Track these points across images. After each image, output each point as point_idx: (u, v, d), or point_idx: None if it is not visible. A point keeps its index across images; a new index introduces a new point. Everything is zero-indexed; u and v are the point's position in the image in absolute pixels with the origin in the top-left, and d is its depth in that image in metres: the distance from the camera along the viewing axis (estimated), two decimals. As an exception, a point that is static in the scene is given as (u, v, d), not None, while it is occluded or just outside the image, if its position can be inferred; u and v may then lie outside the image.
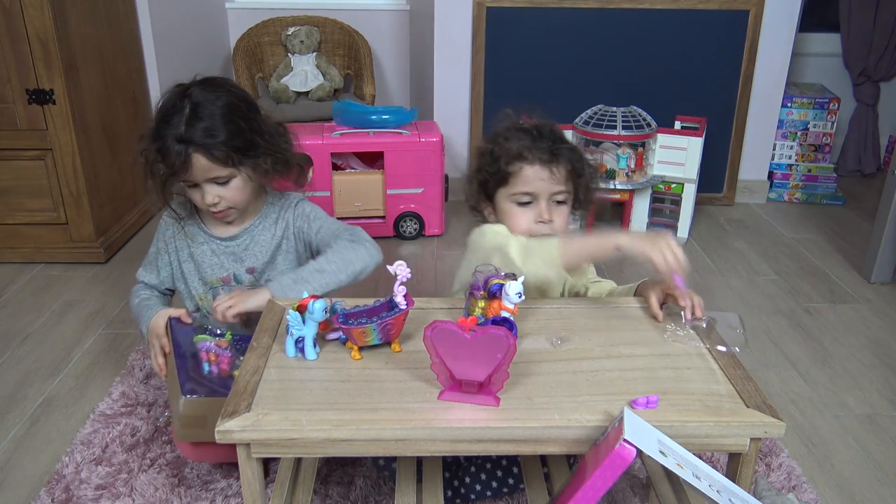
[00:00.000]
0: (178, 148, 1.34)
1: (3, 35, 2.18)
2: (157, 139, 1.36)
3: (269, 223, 1.53)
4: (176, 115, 1.36)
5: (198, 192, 1.42)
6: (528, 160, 1.34)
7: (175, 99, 1.38)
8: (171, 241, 1.55)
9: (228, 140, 1.37)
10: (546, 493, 1.25)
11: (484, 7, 2.88)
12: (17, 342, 2.01)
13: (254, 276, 1.53)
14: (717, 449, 0.99)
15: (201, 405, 1.26)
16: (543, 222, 1.35)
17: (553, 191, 1.35)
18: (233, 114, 1.39)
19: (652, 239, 1.17)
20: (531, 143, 1.35)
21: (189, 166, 1.36)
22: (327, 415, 0.95)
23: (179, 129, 1.34)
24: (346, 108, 2.76)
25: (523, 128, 1.39)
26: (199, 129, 1.35)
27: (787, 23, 2.96)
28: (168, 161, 1.36)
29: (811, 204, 3.26)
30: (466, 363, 0.95)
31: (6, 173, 2.35)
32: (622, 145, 2.67)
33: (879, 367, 1.97)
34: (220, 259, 1.52)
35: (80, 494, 1.44)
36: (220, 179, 1.40)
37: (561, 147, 1.36)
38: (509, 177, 1.35)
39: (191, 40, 3.24)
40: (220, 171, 1.39)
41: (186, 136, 1.34)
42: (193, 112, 1.36)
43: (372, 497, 1.45)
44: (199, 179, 1.39)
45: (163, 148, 1.35)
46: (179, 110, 1.36)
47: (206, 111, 1.36)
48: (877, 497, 1.50)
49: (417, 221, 2.75)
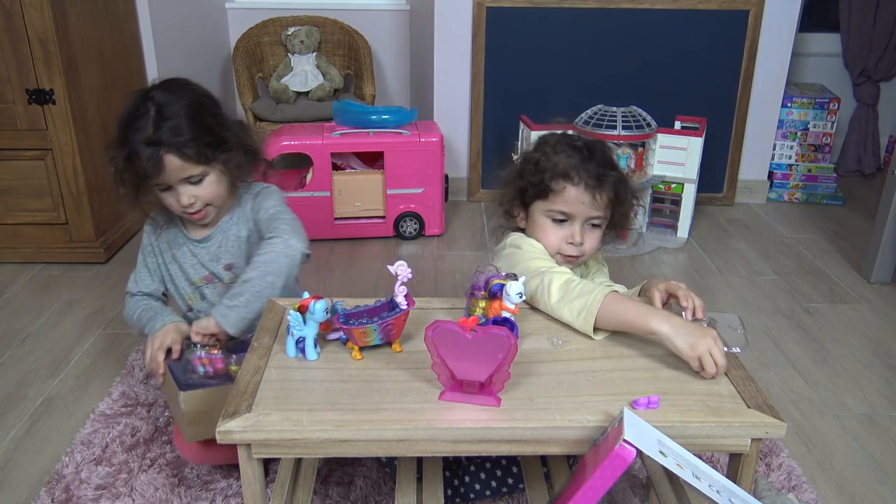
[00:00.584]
0: (149, 151, 1.33)
1: (3, 35, 2.18)
2: (125, 145, 1.35)
3: (236, 218, 1.52)
4: (141, 119, 1.34)
5: (172, 195, 1.41)
6: (574, 181, 1.31)
7: (138, 103, 1.36)
8: (156, 246, 1.55)
9: (198, 137, 1.36)
10: (546, 492, 1.25)
11: (484, 7, 2.88)
12: (17, 342, 2.01)
13: (233, 272, 1.52)
14: (718, 449, 0.99)
15: (203, 398, 1.27)
16: (574, 244, 1.33)
17: (591, 215, 1.33)
18: (199, 111, 1.38)
19: (694, 340, 1.05)
20: (580, 163, 1.31)
21: (162, 168, 1.35)
22: (328, 415, 0.95)
23: (147, 132, 1.33)
24: (346, 108, 2.76)
25: (574, 144, 1.35)
26: (168, 128, 1.33)
27: (787, 23, 2.96)
28: (139, 166, 1.34)
29: (811, 204, 3.26)
30: (467, 363, 0.95)
31: (6, 173, 2.35)
32: (622, 145, 2.67)
33: (879, 367, 1.97)
34: (199, 259, 1.52)
35: (80, 494, 1.44)
36: (194, 178, 1.39)
37: (609, 173, 1.33)
38: (550, 193, 1.32)
39: (191, 40, 3.24)
40: (194, 170, 1.38)
41: (155, 138, 1.33)
42: (159, 113, 1.34)
43: (372, 497, 1.45)
44: (172, 181, 1.38)
45: (132, 153, 1.34)
46: (144, 114, 1.34)
47: (171, 110, 1.35)
48: (877, 497, 1.50)
49: (417, 221, 2.75)
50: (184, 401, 1.26)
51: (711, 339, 1.05)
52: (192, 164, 1.37)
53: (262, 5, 3.66)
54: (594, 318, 1.14)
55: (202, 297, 1.55)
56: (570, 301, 1.17)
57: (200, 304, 1.55)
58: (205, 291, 1.54)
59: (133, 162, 1.34)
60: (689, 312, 1.18)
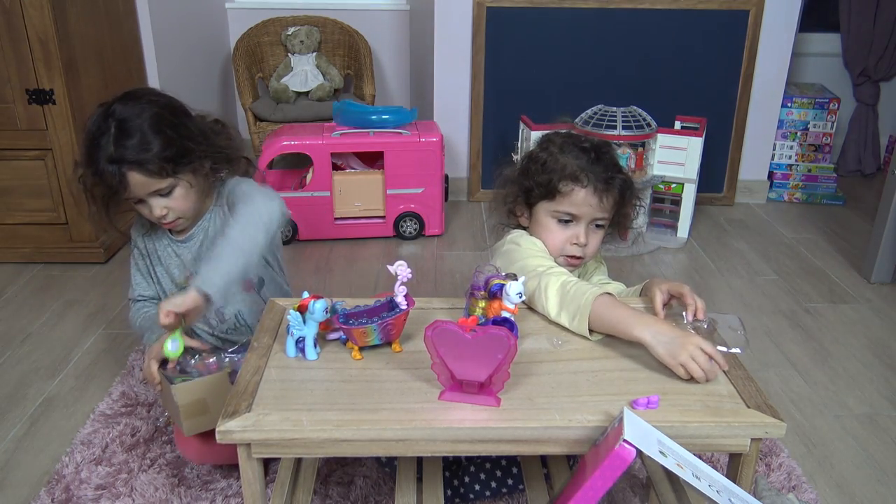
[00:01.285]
0: (112, 168, 1.33)
1: (3, 35, 2.18)
2: (91, 164, 1.35)
3: (215, 215, 1.51)
4: (103, 137, 1.34)
5: (145, 206, 1.41)
6: (583, 183, 1.30)
7: (99, 121, 1.36)
8: (143, 249, 1.55)
9: (161, 152, 1.35)
10: (546, 493, 1.25)
11: (484, 7, 2.88)
12: (17, 342, 2.01)
13: None
14: (718, 449, 0.99)
15: (195, 389, 1.28)
16: (578, 245, 1.34)
17: (597, 216, 1.33)
18: (160, 124, 1.37)
19: (675, 348, 1.04)
20: (588, 165, 1.31)
21: (126, 184, 1.35)
22: (328, 415, 0.95)
23: (109, 150, 1.33)
24: (346, 108, 2.76)
25: (582, 146, 1.35)
26: (129, 146, 1.33)
27: (787, 23, 2.96)
28: (105, 182, 1.35)
29: (811, 204, 3.26)
30: (467, 363, 0.95)
31: (6, 173, 2.35)
32: (622, 145, 2.67)
33: (879, 367, 1.97)
34: (182, 259, 1.52)
35: (80, 494, 1.44)
36: (162, 191, 1.39)
37: (616, 176, 1.33)
38: (558, 194, 1.32)
39: (191, 40, 3.24)
40: (160, 184, 1.37)
41: (117, 156, 1.33)
42: (119, 130, 1.34)
43: (372, 497, 1.45)
44: (141, 195, 1.38)
45: (97, 171, 1.34)
46: (105, 131, 1.34)
47: (132, 126, 1.34)
48: (877, 497, 1.50)
49: (417, 221, 2.75)
50: (176, 394, 1.26)
51: (693, 345, 1.03)
52: (156, 178, 1.36)
53: (262, 5, 3.66)
54: (587, 323, 1.14)
55: None
56: (566, 306, 1.17)
57: None
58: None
59: (100, 178, 1.35)
60: (689, 313, 1.17)
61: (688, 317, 1.17)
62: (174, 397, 1.27)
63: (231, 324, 1.54)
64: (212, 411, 1.30)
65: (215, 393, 1.29)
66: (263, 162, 2.65)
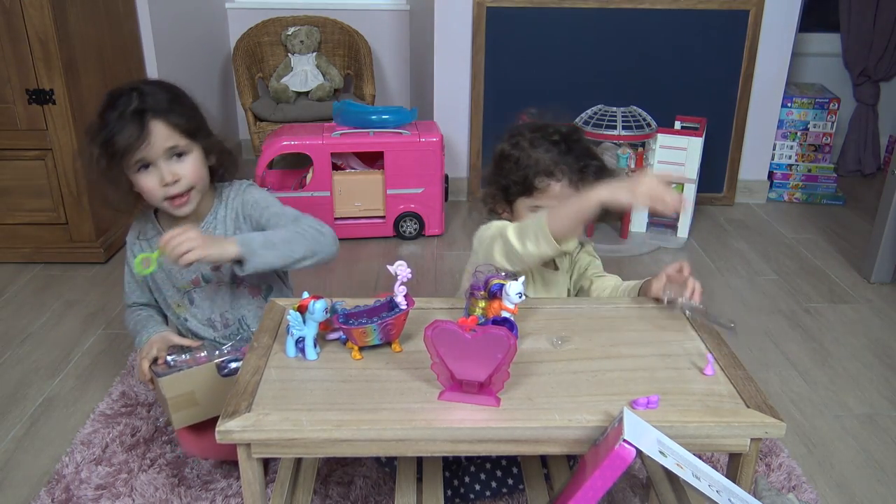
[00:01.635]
0: (135, 118, 1.30)
1: (3, 35, 2.18)
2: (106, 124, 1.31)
3: (221, 216, 1.48)
4: (123, 98, 1.32)
5: (153, 174, 1.34)
6: (557, 178, 1.32)
7: (120, 90, 1.35)
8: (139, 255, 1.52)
9: (182, 112, 1.36)
10: (546, 492, 1.25)
11: (484, 7, 2.88)
12: (17, 342, 2.01)
13: (221, 271, 1.48)
14: (718, 449, 0.99)
15: (182, 381, 1.28)
16: None
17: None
18: (181, 97, 1.39)
19: (632, 184, 1.13)
20: (560, 158, 1.32)
21: (148, 135, 1.30)
22: (328, 415, 0.95)
23: (133, 104, 1.31)
24: (346, 108, 2.76)
25: (551, 138, 1.35)
26: (153, 100, 1.32)
27: (787, 23, 2.96)
28: (123, 137, 1.29)
29: (811, 204, 3.26)
30: (467, 363, 0.95)
31: (6, 173, 2.35)
32: (622, 145, 2.67)
33: (879, 367, 1.97)
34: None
35: (80, 494, 1.44)
36: (178, 149, 1.35)
37: (590, 163, 1.34)
38: (535, 190, 1.33)
39: (191, 40, 3.24)
40: (179, 140, 1.34)
41: (141, 107, 1.30)
42: (141, 92, 1.33)
43: (372, 497, 1.45)
44: (156, 153, 1.33)
45: (117, 124, 1.30)
46: (127, 93, 1.33)
47: (154, 91, 1.35)
48: (877, 497, 1.50)
49: (417, 221, 2.75)
50: (163, 387, 1.26)
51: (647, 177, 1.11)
52: (178, 133, 1.34)
53: (262, 5, 3.66)
54: (549, 233, 1.16)
55: (191, 303, 1.51)
56: (526, 233, 1.19)
57: (191, 309, 1.52)
58: (193, 296, 1.51)
59: (116, 135, 1.30)
60: (688, 291, 1.18)
61: (686, 296, 1.17)
62: (162, 390, 1.27)
63: (234, 328, 1.53)
64: (201, 404, 1.30)
65: (203, 385, 1.29)
66: (263, 162, 2.65)
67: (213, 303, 1.51)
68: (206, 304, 1.51)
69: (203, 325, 1.52)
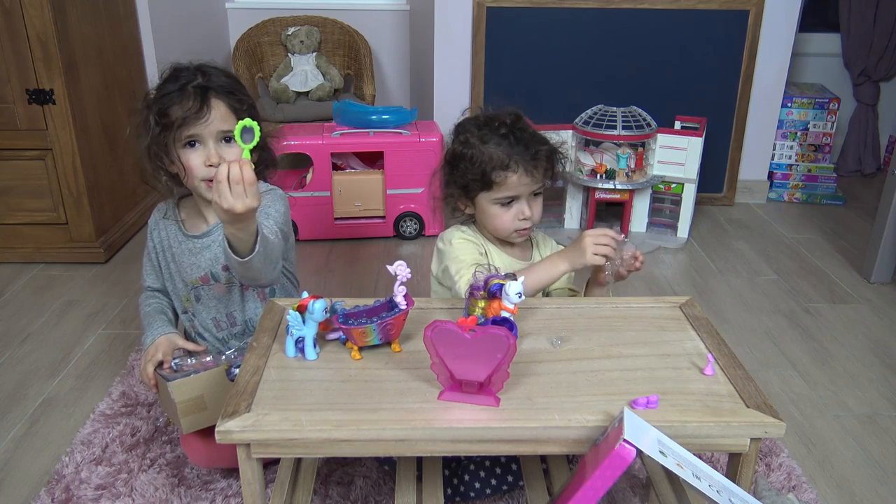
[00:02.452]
0: (197, 93, 1.31)
1: (3, 35, 2.18)
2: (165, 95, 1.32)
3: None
4: (185, 72, 1.35)
5: (200, 152, 1.34)
6: (513, 168, 1.37)
7: (184, 66, 1.37)
8: (158, 243, 1.53)
9: (242, 97, 1.37)
10: (546, 492, 1.25)
11: (484, 7, 2.88)
12: (17, 342, 2.01)
13: (230, 273, 1.46)
14: (718, 449, 0.99)
15: (191, 385, 1.28)
16: (525, 219, 1.41)
17: (534, 189, 1.41)
18: (241, 87, 1.41)
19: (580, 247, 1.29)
20: (510, 149, 1.37)
21: (208, 110, 1.31)
22: (327, 415, 0.95)
23: (197, 79, 1.33)
24: (346, 108, 2.76)
25: (498, 132, 1.40)
26: (216, 78, 1.35)
27: (787, 23, 2.96)
28: (182, 108, 1.30)
29: (811, 204, 3.26)
30: (466, 363, 0.95)
31: (6, 173, 2.35)
32: (622, 145, 2.67)
33: (879, 367, 1.97)
34: (196, 259, 1.47)
35: (80, 494, 1.44)
36: (230, 134, 1.34)
37: (540, 149, 1.39)
38: (493, 184, 1.38)
39: (191, 40, 3.24)
40: (234, 124, 1.29)
41: (205, 83, 1.33)
42: (203, 70, 1.36)
43: (372, 497, 1.45)
44: (210, 132, 1.33)
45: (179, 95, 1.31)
46: (187, 69, 1.35)
47: (219, 72, 1.38)
48: (877, 497, 1.50)
49: (417, 221, 2.75)
50: (173, 391, 1.26)
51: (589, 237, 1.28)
52: (234, 118, 1.35)
53: (262, 5, 3.66)
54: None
55: (197, 299, 1.51)
56: None
57: (196, 306, 1.52)
58: (200, 293, 1.50)
59: (175, 105, 1.31)
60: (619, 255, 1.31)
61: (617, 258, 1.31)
62: (171, 395, 1.27)
63: (241, 329, 1.53)
64: (210, 408, 1.30)
65: (212, 389, 1.29)
66: (263, 162, 2.65)
67: (219, 302, 1.51)
68: (212, 302, 1.50)
69: (208, 324, 1.52)
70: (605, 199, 2.75)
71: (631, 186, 2.71)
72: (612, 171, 2.71)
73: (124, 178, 2.66)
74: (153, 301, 1.55)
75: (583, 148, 2.76)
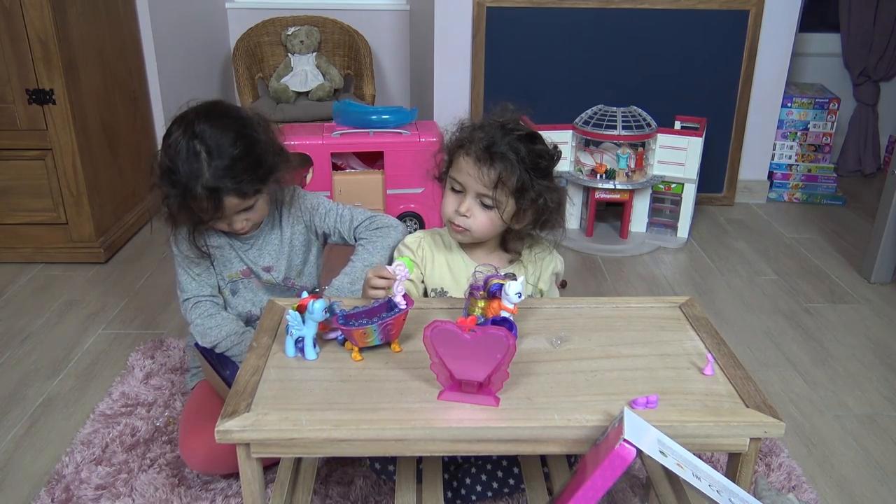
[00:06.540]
0: (208, 194, 1.34)
1: (3, 35, 2.18)
2: (179, 186, 1.34)
3: (276, 221, 1.55)
4: (193, 162, 1.33)
5: (225, 222, 1.43)
6: (465, 151, 1.34)
7: (184, 142, 1.33)
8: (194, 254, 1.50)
9: (252, 173, 1.37)
10: (546, 493, 1.25)
11: (484, 7, 2.88)
12: (17, 342, 2.01)
13: (271, 274, 1.55)
14: (717, 449, 0.99)
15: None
16: (459, 213, 1.34)
17: (479, 191, 1.32)
18: (248, 144, 1.37)
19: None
20: (471, 135, 1.36)
21: (222, 208, 1.37)
22: (327, 415, 0.95)
23: (204, 178, 1.33)
24: (346, 108, 2.76)
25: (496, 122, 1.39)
26: (223, 170, 1.33)
27: (787, 23, 2.96)
28: (196, 206, 1.36)
29: (811, 204, 3.26)
30: (466, 363, 0.95)
31: (6, 173, 2.35)
32: (622, 145, 2.67)
33: (879, 367, 1.97)
34: (239, 254, 1.53)
35: (80, 494, 1.44)
36: (249, 207, 1.42)
37: (499, 153, 1.29)
38: (453, 161, 1.38)
39: (191, 40, 3.24)
40: (250, 202, 1.41)
41: (213, 184, 1.33)
42: (210, 154, 1.33)
43: (372, 497, 1.45)
44: (229, 216, 1.41)
45: (189, 195, 1.34)
46: (195, 155, 1.33)
47: (223, 150, 1.34)
48: (877, 497, 1.50)
49: (417, 221, 2.75)
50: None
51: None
52: (248, 199, 1.40)
53: (262, 5, 3.66)
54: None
55: (233, 293, 1.55)
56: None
57: (231, 299, 1.55)
58: (238, 286, 1.55)
59: (190, 202, 1.35)
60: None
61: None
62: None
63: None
64: None
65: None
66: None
67: (255, 296, 1.55)
68: (248, 295, 1.55)
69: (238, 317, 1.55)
70: (605, 199, 2.75)
71: (631, 186, 2.71)
72: (612, 171, 2.71)
73: (124, 177, 2.66)
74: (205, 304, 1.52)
75: (583, 148, 2.76)
